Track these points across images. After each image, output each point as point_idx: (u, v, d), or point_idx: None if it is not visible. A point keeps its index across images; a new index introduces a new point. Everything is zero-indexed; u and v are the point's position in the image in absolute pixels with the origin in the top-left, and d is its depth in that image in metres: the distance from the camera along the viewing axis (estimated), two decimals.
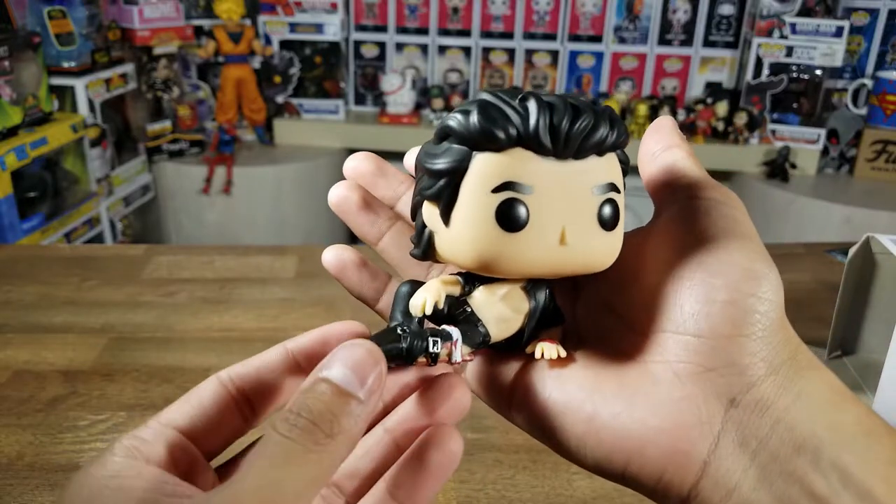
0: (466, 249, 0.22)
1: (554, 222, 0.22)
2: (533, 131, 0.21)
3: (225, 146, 1.89)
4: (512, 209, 0.21)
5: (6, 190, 1.35)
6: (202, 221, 1.90)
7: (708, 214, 0.24)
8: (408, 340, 0.23)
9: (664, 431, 0.22)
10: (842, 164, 1.94)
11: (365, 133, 2.00)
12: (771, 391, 0.22)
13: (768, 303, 0.22)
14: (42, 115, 1.48)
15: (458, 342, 0.23)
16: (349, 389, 0.20)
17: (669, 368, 0.23)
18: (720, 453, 0.22)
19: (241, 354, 0.24)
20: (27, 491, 0.45)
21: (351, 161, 0.29)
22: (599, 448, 0.23)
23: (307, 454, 0.19)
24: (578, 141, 0.22)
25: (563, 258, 0.23)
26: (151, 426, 0.21)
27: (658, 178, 0.26)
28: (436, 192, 0.23)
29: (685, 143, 0.26)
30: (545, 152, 0.22)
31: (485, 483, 0.46)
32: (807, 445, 0.21)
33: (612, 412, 0.23)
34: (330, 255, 0.28)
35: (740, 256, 0.23)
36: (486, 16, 2.04)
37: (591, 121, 0.22)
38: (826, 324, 0.58)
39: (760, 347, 0.22)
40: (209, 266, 0.76)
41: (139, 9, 1.74)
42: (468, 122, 0.22)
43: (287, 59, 1.99)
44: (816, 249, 0.83)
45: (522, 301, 0.25)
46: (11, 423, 0.51)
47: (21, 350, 0.60)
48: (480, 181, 0.22)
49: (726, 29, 1.99)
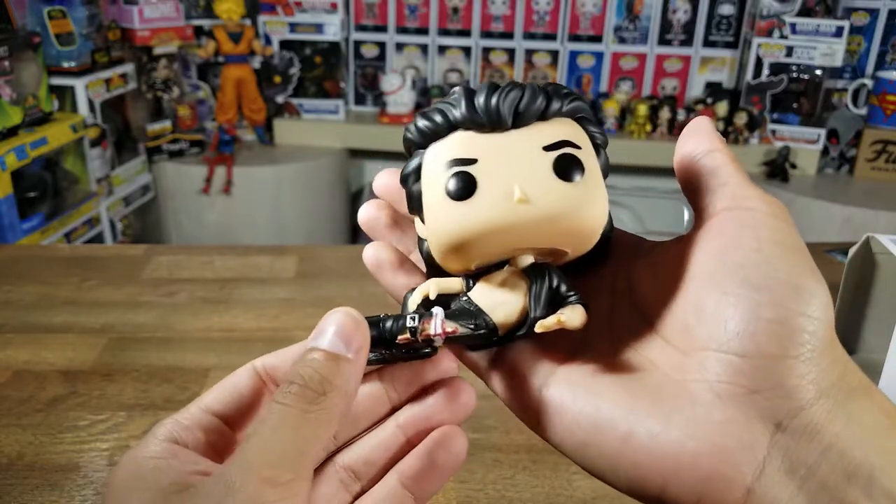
0: (440, 236, 0.23)
1: (504, 181, 0.22)
2: (464, 112, 0.23)
3: (225, 146, 1.89)
4: (457, 179, 0.23)
5: (6, 190, 1.35)
6: (202, 221, 1.90)
7: (753, 226, 0.22)
8: (388, 322, 0.24)
9: (703, 455, 0.21)
10: (842, 165, 1.94)
11: (365, 133, 2.00)
12: (820, 416, 0.20)
13: (817, 321, 0.21)
14: (42, 115, 1.48)
15: (438, 316, 0.24)
16: (337, 351, 0.22)
17: (710, 388, 0.21)
18: (765, 480, 0.20)
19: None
20: (27, 491, 0.45)
21: (381, 177, 0.29)
22: (635, 470, 0.22)
23: (305, 414, 0.21)
24: (510, 110, 0.23)
25: (533, 219, 0.22)
26: (191, 410, 0.24)
27: (698, 184, 0.25)
28: (409, 198, 0.25)
29: (726, 146, 0.25)
30: (482, 128, 0.23)
31: (485, 483, 0.46)
32: (859, 473, 0.20)
33: (649, 432, 0.22)
34: (369, 253, 0.28)
35: (788, 271, 0.21)
36: (486, 16, 2.04)
37: (518, 93, 0.23)
38: None
39: (809, 369, 0.21)
40: (209, 266, 0.76)
41: (139, 9, 1.74)
42: (414, 126, 0.24)
43: (287, 59, 1.99)
44: (816, 249, 0.83)
45: (520, 282, 0.24)
46: (11, 423, 0.51)
47: (21, 350, 0.60)
48: (432, 169, 0.24)
49: (726, 29, 1.99)
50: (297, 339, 0.70)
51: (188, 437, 0.23)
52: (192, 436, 0.23)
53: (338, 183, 2.01)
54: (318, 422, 0.21)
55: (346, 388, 0.22)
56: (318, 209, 1.95)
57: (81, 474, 0.46)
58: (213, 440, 0.23)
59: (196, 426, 0.23)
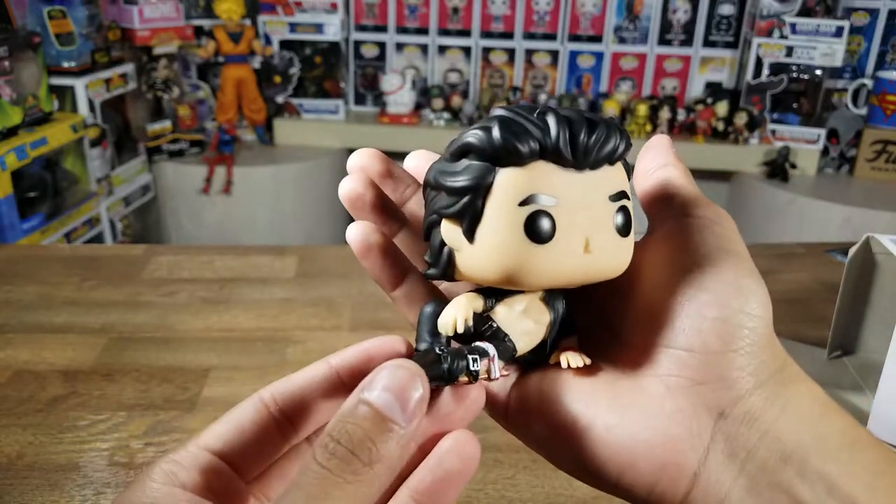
0: (494, 265, 0.23)
1: (578, 231, 0.22)
2: (554, 144, 0.22)
3: (225, 146, 1.89)
4: (540, 221, 0.22)
5: (6, 190, 1.35)
6: (202, 221, 1.90)
7: (700, 232, 0.24)
8: (448, 360, 0.23)
9: (657, 445, 0.23)
10: (842, 164, 1.94)
11: (365, 133, 2.00)
12: (758, 404, 0.22)
13: (756, 319, 0.23)
14: (42, 115, 1.48)
15: (495, 357, 0.24)
16: (390, 415, 0.20)
17: (661, 382, 0.23)
18: (710, 464, 0.22)
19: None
20: (27, 491, 0.45)
21: (357, 157, 0.28)
22: (593, 460, 0.23)
23: (345, 485, 0.19)
24: (594, 152, 0.22)
25: (587, 266, 0.23)
26: (190, 449, 0.22)
27: (653, 195, 0.27)
28: (459, 209, 0.23)
29: (680, 161, 0.27)
30: (565, 164, 0.22)
31: (485, 483, 0.46)
32: (793, 456, 0.21)
33: (606, 425, 0.23)
34: (355, 232, 0.27)
35: (730, 273, 0.23)
36: (486, 16, 2.04)
37: (604, 132, 0.22)
38: (826, 324, 0.58)
39: (748, 362, 0.22)
40: (209, 266, 0.76)
41: (139, 9, 1.74)
42: (490, 137, 0.22)
43: (287, 59, 1.99)
44: (816, 249, 0.83)
45: (543, 313, 0.25)
46: (11, 423, 0.51)
47: (21, 350, 0.60)
48: (506, 195, 0.22)
49: (726, 29, 1.99)
50: (296, 340, 0.70)
51: (186, 478, 0.21)
52: (189, 477, 0.21)
53: (338, 183, 1.94)
54: (358, 494, 0.19)
55: (392, 459, 0.20)
56: (318, 209, 1.95)
57: (81, 474, 0.46)
58: (212, 481, 0.22)
59: (194, 466, 0.22)
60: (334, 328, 0.63)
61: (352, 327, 0.63)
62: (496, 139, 0.22)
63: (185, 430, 0.51)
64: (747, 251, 0.24)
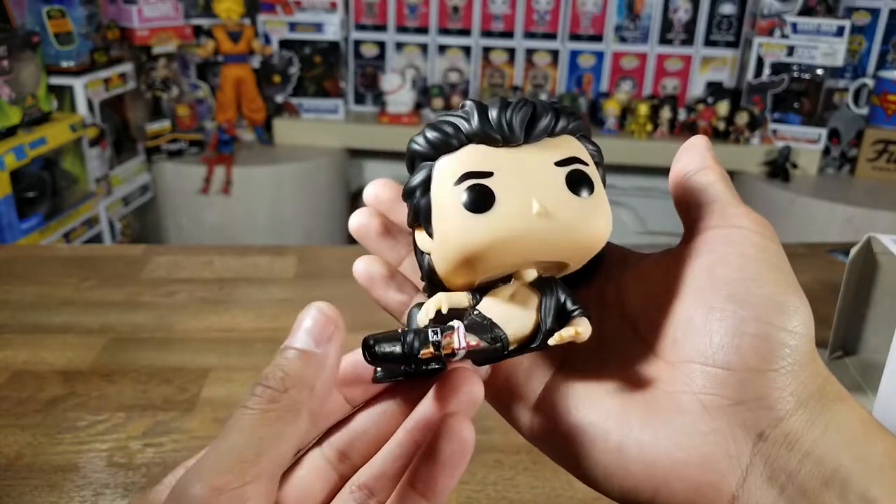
0: (452, 249, 0.23)
1: (522, 194, 0.23)
2: (477, 125, 0.23)
3: (224, 146, 1.88)
4: (476, 191, 0.23)
5: (5, 190, 1.35)
6: (201, 221, 1.90)
7: (741, 243, 0.23)
8: (409, 336, 0.23)
9: (692, 465, 0.22)
10: (843, 164, 1.94)
11: (365, 133, 2.00)
12: (799, 425, 0.21)
13: (798, 336, 0.22)
14: (41, 115, 1.48)
15: (460, 329, 0.23)
16: (306, 348, 0.22)
17: (697, 400, 0.22)
18: (749, 487, 0.21)
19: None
20: (27, 491, 0.45)
21: (371, 188, 0.29)
22: (627, 479, 0.23)
23: (264, 414, 0.20)
24: (522, 126, 0.23)
25: (549, 230, 0.23)
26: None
27: (689, 201, 0.26)
28: (414, 210, 0.24)
29: (718, 165, 0.26)
30: (496, 142, 0.23)
31: (485, 484, 0.46)
32: (834, 479, 0.21)
33: (640, 442, 0.23)
34: (360, 267, 0.28)
35: (771, 288, 0.22)
36: (486, 15, 2.03)
37: (529, 109, 0.24)
38: (827, 324, 0.58)
39: (789, 382, 0.22)
40: (208, 266, 0.76)
41: (138, 8, 1.73)
42: (423, 138, 0.24)
43: (286, 58, 1.98)
44: (818, 249, 0.83)
45: (531, 296, 0.24)
46: (10, 424, 0.51)
47: (20, 350, 0.60)
48: (443, 180, 0.23)
49: (727, 28, 1.99)
50: None
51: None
52: None
53: (337, 183, 2.01)
54: (279, 419, 0.20)
55: (311, 380, 0.21)
56: (318, 209, 1.95)
57: (80, 475, 0.46)
58: None
59: None
60: None
61: (352, 328, 0.63)
62: (427, 137, 0.24)
63: (185, 430, 0.50)
64: (789, 264, 0.24)
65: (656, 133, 1.95)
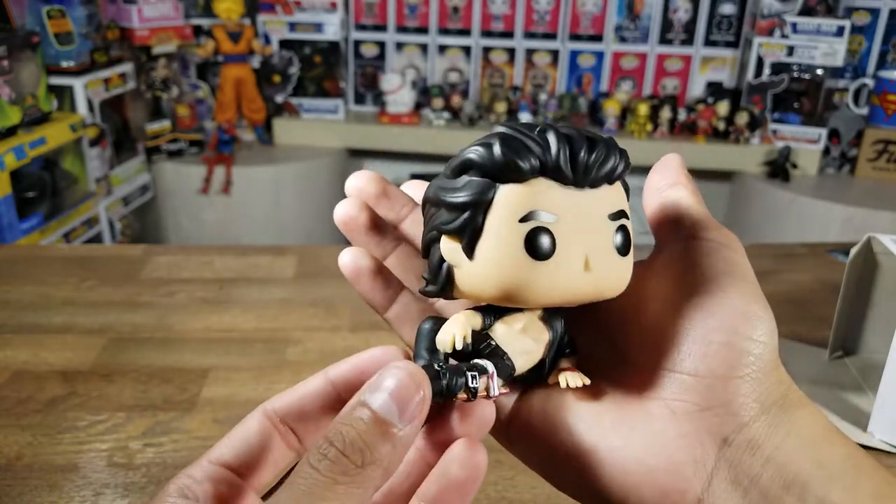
0: (494, 281, 0.22)
1: (578, 249, 0.22)
2: (554, 161, 0.22)
3: (224, 146, 1.88)
4: (540, 237, 0.22)
5: (5, 190, 1.35)
6: (201, 221, 1.90)
7: (709, 256, 0.24)
8: (447, 377, 0.22)
9: (660, 470, 0.23)
10: (843, 164, 1.94)
11: (365, 133, 2.00)
12: (762, 430, 0.22)
13: (762, 345, 0.23)
14: (41, 115, 1.48)
15: (494, 375, 0.23)
16: (387, 417, 0.20)
17: (666, 406, 0.23)
18: (713, 491, 0.22)
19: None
20: (26, 492, 0.45)
21: (353, 180, 0.29)
22: (596, 483, 0.23)
23: (334, 486, 0.19)
24: (594, 170, 0.22)
25: (586, 285, 0.23)
26: (201, 464, 0.23)
27: (661, 214, 0.27)
28: (458, 225, 0.23)
29: (690, 181, 0.27)
30: (566, 181, 0.22)
31: (485, 484, 0.46)
32: (795, 482, 0.21)
33: (610, 447, 0.23)
34: (346, 258, 0.27)
35: (738, 299, 0.23)
36: (486, 15, 2.04)
37: (604, 151, 0.23)
38: (827, 324, 0.58)
39: (753, 388, 0.23)
40: (208, 266, 0.76)
41: (138, 8, 1.74)
42: (491, 154, 0.22)
43: (286, 58, 1.98)
44: (818, 249, 0.83)
45: (542, 332, 0.25)
46: (10, 424, 0.51)
47: (20, 350, 0.60)
48: (507, 211, 0.22)
49: (727, 28, 1.99)
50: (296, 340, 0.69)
51: (198, 489, 0.22)
52: (201, 488, 0.22)
53: (337, 183, 2.00)
54: (349, 496, 0.19)
55: (387, 461, 0.20)
56: (318, 209, 1.95)
57: (80, 475, 0.46)
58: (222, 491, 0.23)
59: (206, 479, 0.22)
60: (334, 328, 0.63)
61: (351, 328, 0.63)
62: (497, 155, 0.22)
63: (185, 430, 0.50)
64: (755, 276, 0.24)
65: (656, 133, 1.95)
